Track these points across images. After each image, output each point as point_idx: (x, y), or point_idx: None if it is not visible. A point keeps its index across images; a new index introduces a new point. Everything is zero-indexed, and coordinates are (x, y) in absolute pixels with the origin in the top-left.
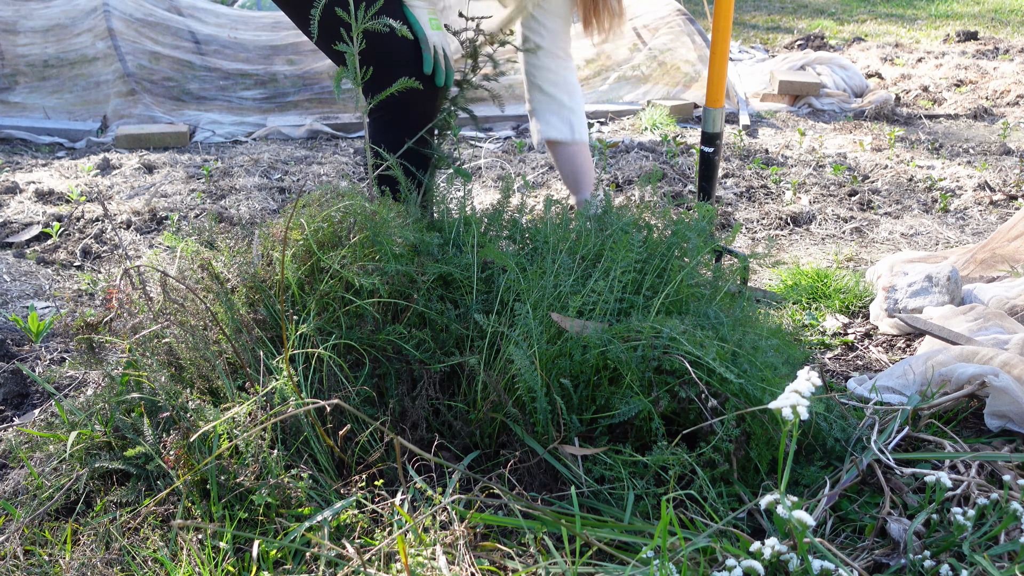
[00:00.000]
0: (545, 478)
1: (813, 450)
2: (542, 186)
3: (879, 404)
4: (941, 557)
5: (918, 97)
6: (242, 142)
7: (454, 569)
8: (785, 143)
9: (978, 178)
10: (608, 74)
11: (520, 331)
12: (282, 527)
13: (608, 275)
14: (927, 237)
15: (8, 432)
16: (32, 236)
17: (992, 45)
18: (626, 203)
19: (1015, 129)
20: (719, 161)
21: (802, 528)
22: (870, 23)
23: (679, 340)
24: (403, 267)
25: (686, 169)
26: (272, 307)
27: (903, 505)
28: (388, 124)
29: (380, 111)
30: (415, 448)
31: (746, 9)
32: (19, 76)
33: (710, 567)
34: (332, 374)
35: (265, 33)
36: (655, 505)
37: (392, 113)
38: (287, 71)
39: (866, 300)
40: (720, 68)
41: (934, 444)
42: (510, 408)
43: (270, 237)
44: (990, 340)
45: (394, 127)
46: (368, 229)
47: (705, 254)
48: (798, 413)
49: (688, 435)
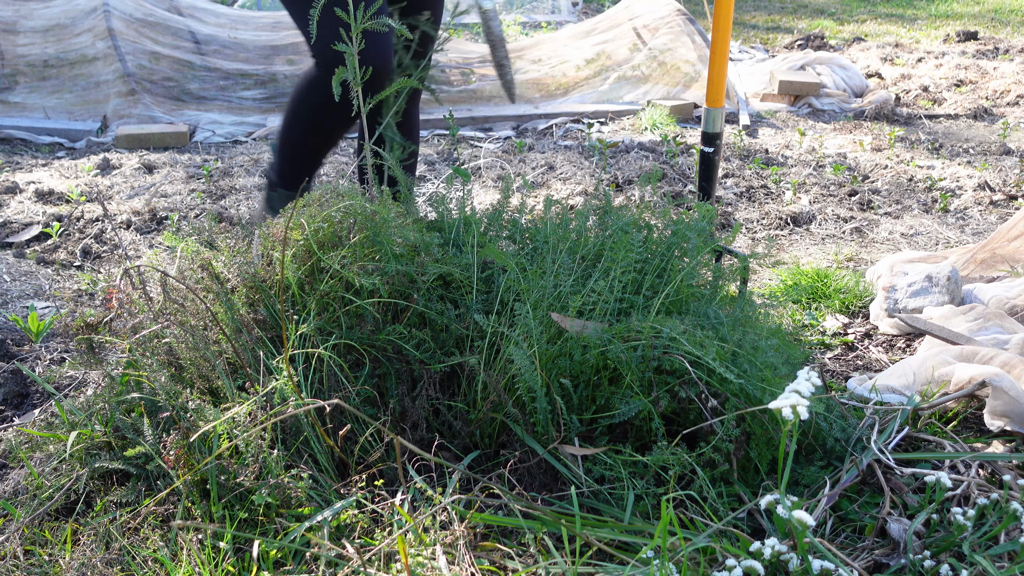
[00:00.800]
0: (545, 478)
1: (813, 450)
2: (542, 186)
3: (879, 404)
4: (941, 557)
5: (918, 97)
6: (242, 142)
7: (454, 569)
8: (785, 143)
9: (978, 178)
10: (608, 74)
11: (520, 331)
12: (282, 527)
13: (608, 275)
14: (927, 237)
15: (8, 432)
16: (32, 236)
17: (992, 45)
18: (626, 203)
19: (1015, 129)
20: (719, 161)
21: (802, 528)
22: (870, 23)
23: (679, 340)
24: (403, 267)
25: (686, 169)
26: (272, 307)
27: (903, 505)
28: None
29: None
30: (415, 448)
31: (746, 9)
32: (19, 76)
33: (710, 567)
34: (332, 374)
35: (265, 33)
36: (655, 505)
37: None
38: (287, 71)
39: (866, 300)
40: (720, 68)
41: (934, 444)
42: (510, 408)
43: (270, 237)
44: (990, 340)
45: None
46: (368, 229)
47: (705, 254)
48: (798, 413)
49: (688, 435)
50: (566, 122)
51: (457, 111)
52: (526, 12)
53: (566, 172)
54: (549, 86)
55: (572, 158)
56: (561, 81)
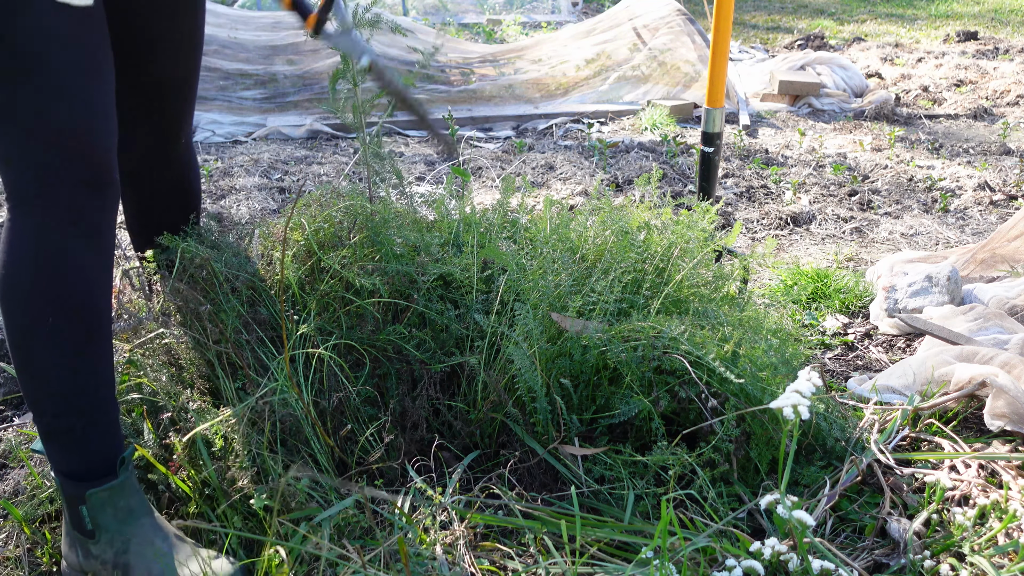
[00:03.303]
0: (545, 478)
1: (813, 450)
2: (542, 186)
3: (879, 404)
4: (941, 557)
5: (918, 97)
6: (242, 142)
7: (454, 569)
8: (785, 143)
9: (978, 178)
10: (608, 74)
11: (520, 331)
12: (282, 528)
13: (608, 275)
14: (927, 237)
15: (8, 432)
16: None
17: (992, 45)
18: (626, 203)
19: (1015, 129)
20: (719, 161)
21: (802, 528)
22: (870, 23)
23: (679, 340)
24: (403, 267)
25: (686, 169)
26: (272, 307)
27: (903, 505)
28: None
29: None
30: (415, 448)
31: (746, 9)
32: None
33: (710, 567)
34: (333, 374)
35: (265, 33)
36: (655, 505)
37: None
38: (287, 71)
39: (866, 300)
40: (720, 68)
41: (934, 444)
42: (510, 408)
43: (270, 237)
44: (990, 340)
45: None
46: (368, 229)
47: (705, 254)
48: (798, 413)
49: (688, 435)
50: (566, 122)
51: (457, 111)
52: (526, 12)
53: (566, 172)
54: (549, 86)
55: (572, 158)
56: (561, 81)
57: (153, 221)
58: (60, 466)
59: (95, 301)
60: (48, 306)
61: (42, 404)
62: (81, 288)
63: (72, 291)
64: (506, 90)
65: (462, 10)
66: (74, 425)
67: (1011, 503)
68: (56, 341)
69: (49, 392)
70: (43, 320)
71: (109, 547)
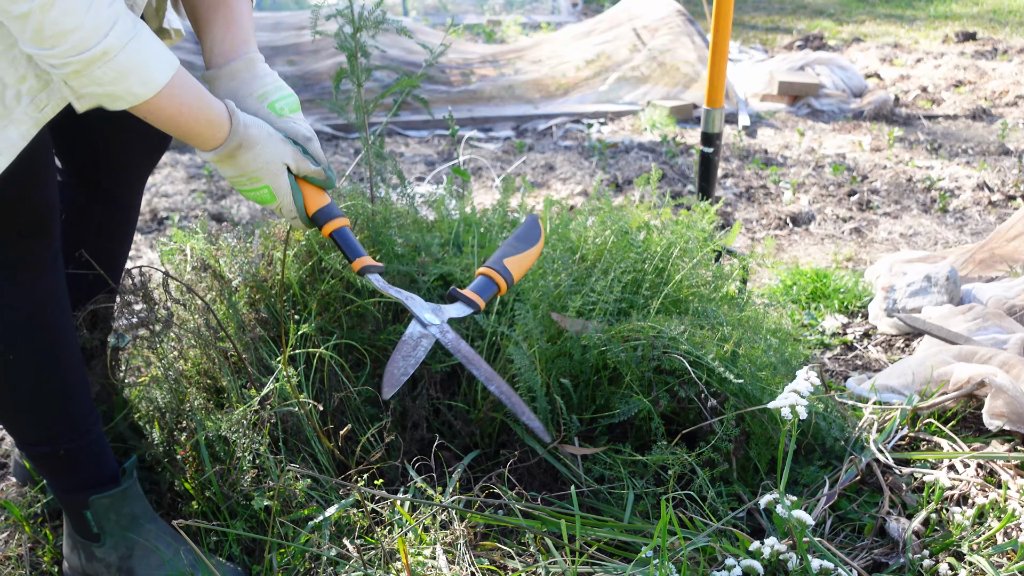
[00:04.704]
0: (545, 478)
1: (812, 450)
2: (542, 186)
3: (878, 404)
4: (940, 556)
5: (917, 97)
6: None
7: (454, 568)
8: (784, 143)
9: (977, 178)
10: (608, 74)
11: (520, 331)
12: (283, 528)
13: (608, 275)
14: (926, 237)
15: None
16: None
17: (991, 46)
18: (626, 203)
19: (1013, 129)
20: (719, 161)
21: (801, 527)
22: (869, 24)
23: (678, 340)
24: (404, 267)
25: (686, 169)
26: (273, 307)
27: (902, 504)
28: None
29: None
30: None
31: (746, 9)
32: None
33: (710, 566)
34: (333, 374)
35: (265, 34)
36: (655, 505)
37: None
38: (287, 71)
39: (865, 300)
40: (720, 68)
41: (933, 444)
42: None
43: (271, 237)
44: (989, 340)
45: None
46: (369, 229)
47: (704, 254)
48: (797, 413)
49: (688, 435)
50: (566, 122)
51: (457, 111)
52: (526, 12)
53: (566, 172)
54: (549, 86)
55: (572, 158)
56: (561, 81)
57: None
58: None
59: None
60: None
61: (23, 433)
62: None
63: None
64: (506, 90)
65: (462, 11)
66: (56, 450)
67: (1010, 502)
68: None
69: (24, 420)
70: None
71: (114, 551)
